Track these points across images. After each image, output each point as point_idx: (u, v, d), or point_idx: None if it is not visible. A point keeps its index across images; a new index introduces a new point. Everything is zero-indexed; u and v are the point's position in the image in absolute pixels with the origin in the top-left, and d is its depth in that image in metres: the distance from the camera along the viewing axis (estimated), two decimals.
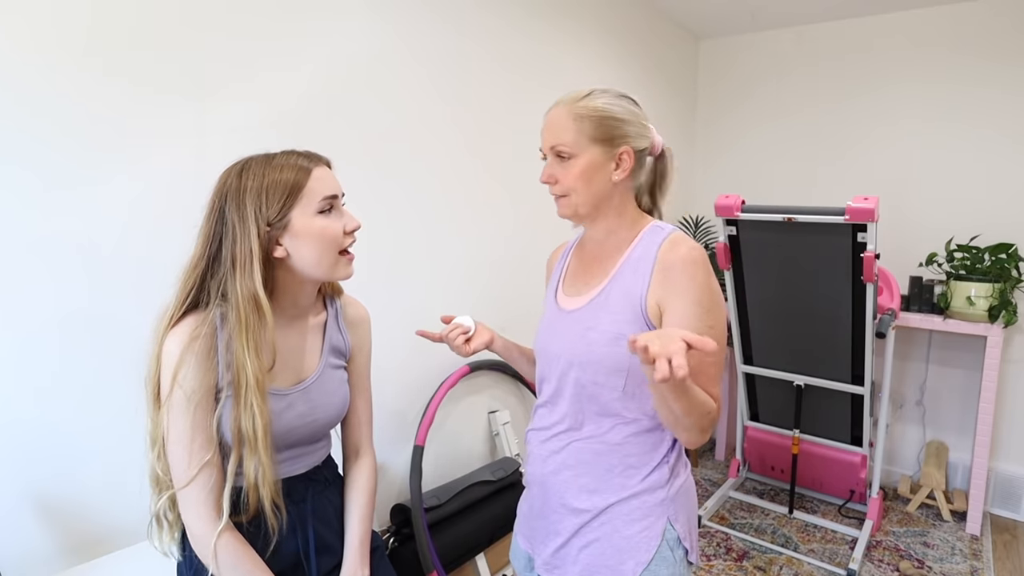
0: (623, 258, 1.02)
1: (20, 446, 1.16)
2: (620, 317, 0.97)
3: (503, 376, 2.38)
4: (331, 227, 0.93)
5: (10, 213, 1.13)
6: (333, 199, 0.94)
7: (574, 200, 1.01)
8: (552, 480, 1.04)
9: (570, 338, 1.02)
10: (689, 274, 0.94)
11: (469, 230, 2.17)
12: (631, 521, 0.99)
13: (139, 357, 1.30)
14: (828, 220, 2.26)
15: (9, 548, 1.15)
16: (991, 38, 2.75)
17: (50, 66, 1.15)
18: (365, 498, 1.10)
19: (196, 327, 0.89)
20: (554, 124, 1.00)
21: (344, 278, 0.98)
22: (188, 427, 0.88)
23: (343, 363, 1.09)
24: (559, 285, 1.13)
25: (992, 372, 2.58)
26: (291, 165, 0.92)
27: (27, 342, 1.16)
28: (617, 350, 0.96)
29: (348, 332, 1.10)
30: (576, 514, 1.01)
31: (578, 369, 1.00)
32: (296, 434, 0.99)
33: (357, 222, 0.97)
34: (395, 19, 1.81)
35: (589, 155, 0.98)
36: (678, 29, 3.36)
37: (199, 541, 0.90)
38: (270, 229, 0.90)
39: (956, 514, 2.80)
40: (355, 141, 1.74)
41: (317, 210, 0.92)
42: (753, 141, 3.44)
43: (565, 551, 1.03)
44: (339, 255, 0.95)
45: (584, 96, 0.99)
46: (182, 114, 1.35)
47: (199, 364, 0.89)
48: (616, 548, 0.98)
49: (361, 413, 1.14)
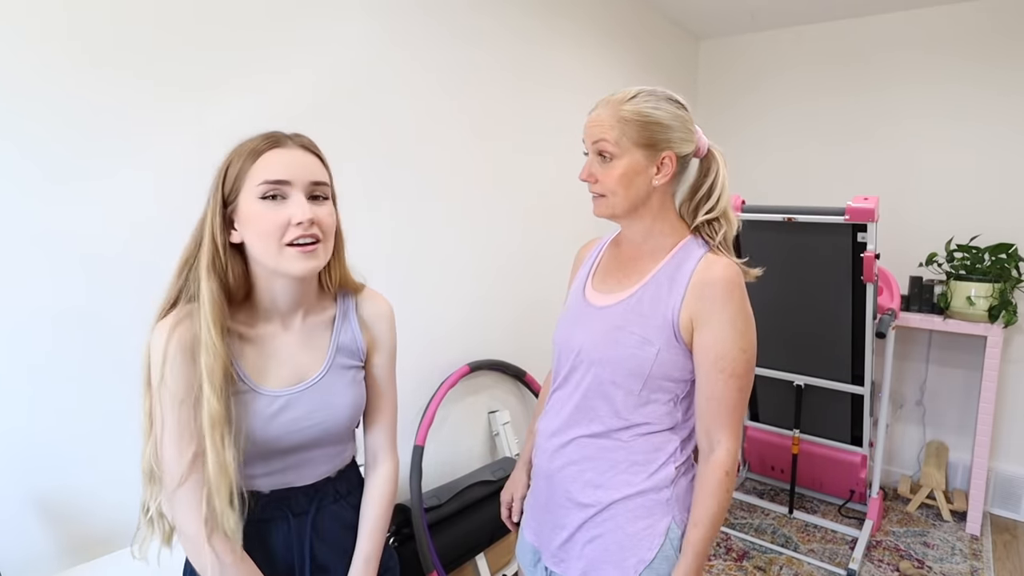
0: (660, 265, 1.01)
1: (20, 446, 1.17)
2: (650, 323, 0.98)
3: (503, 376, 2.38)
4: (267, 215, 0.84)
5: (9, 211, 1.13)
6: (278, 184, 0.84)
7: (611, 201, 1.00)
8: (558, 474, 1.05)
9: (596, 334, 1.02)
10: (727, 294, 0.94)
11: (471, 229, 2.17)
12: (635, 518, 0.99)
13: (138, 357, 1.31)
14: (828, 220, 2.26)
15: (9, 548, 1.15)
16: (991, 38, 2.75)
17: (52, 63, 1.15)
18: (377, 511, 1.02)
19: (178, 319, 0.85)
20: (598, 124, 0.99)
21: (296, 273, 0.86)
22: (175, 425, 0.84)
23: (356, 363, 1.00)
24: (589, 279, 1.13)
25: (992, 372, 2.57)
26: (251, 142, 0.87)
27: (27, 342, 1.16)
28: (641, 354, 0.97)
29: (363, 330, 1.01)
30: (581, 508, 1.02)
31: (599, 367, 1.01)
32: (294, 438, 0.92)
33: (307, 214, 0.84)
34: (396, 20, 1.81)
35: (631, 158, 0.97)
36: (678, 29, 3.36)
37: (191, 543, 0.86)
38: (225, 209, 0.87)
39: (956, 514, 2.80)
40: (356, 140, 1.74)
41: (258, 195, 0.84)
42: (753, 141, 3.44)
43: (570, 545, 1.04)
44: (284, 247, 0.84)
45: (630, 98, 0.98)
46: (183, 109, 1.35)
47: (183, 359, 0.84)
48: (619, 544, 0.99)
49: (381, 416, 1.05)
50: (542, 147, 2.44)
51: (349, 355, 0.99)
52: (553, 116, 2.47)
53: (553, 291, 2.56)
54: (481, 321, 2.25)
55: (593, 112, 1.01)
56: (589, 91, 2.65)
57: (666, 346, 0.97)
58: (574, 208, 2.63)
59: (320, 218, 0.87)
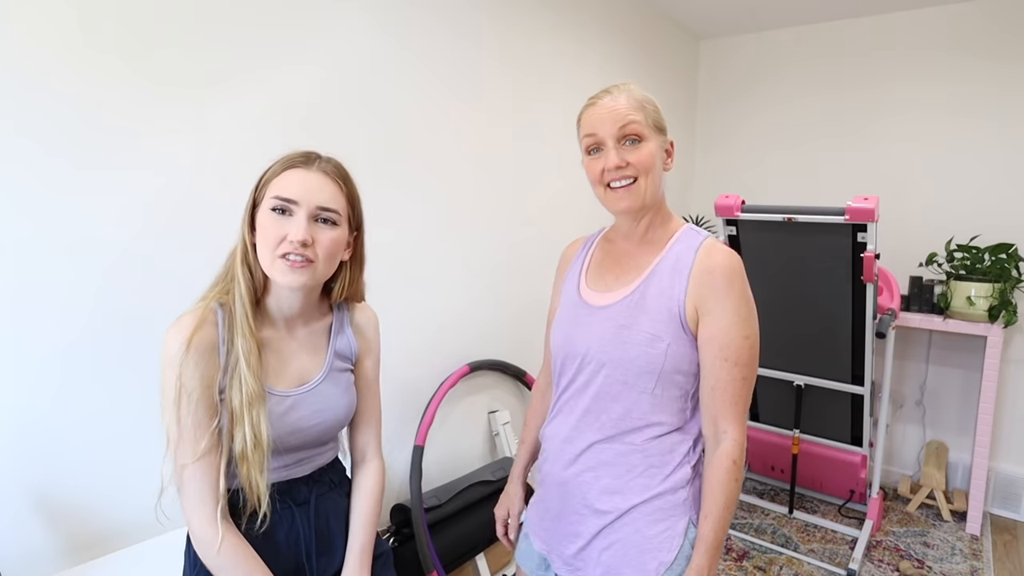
0: (659, 258, 1.01)
1: (21, 446, 1.17)
2: (657, 318, 0.96)
3: (503, 376, 2.38)
4: (271, 226, 0.92)
5: (8, 211, 1.13)
6: (286, 201, 0.91)
7: (642, 185, 0.97)
8: (574, 481, 1.03)
9: (601, 335, 1.00)
10: (729, 282, 0.94)
11: (472, 228, 2.17)
12: (654, 521, 0.98)
13: (141, 357, 1.31)
14: (828, 220, 2.26)
15: (10, 548, 1.15)
16: (990, 38, 2.75)
17: (59, 60, 1.15)
18: (370, 504, 1.09)
19: (196, 320, 0.90)
20: (619, 110, 0.97)
21: (282, 283, 0.93)
22: (190, 420, 0.88)
23: (349, 366, 1.08)
24: (582, 278, 1.11)
25: (992, 372, 2.57)
26: (289, 156, 0.96)
27: (28, 342, 1.16)
28: (652, 351, 0.96)
29: (356, 336, 1.09)
30: (599, 515, 1.00)
31: (609, 368, 0.99)
32: (301, 436, 0.99)
33: (301, 235, 0.90)
34: (396, 22, 1.82)
35: (655, 140, 0.99)
36: (678, 29, 3.36)
37: (200, 540, 0.89)
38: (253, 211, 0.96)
39: (956, 514, 2.80)
40: (356, 140, 1.74)
41: (270, 206, 0.92)
42: (753, 141, 3.44)
43: (587, 552, 1.02)
44: (277, 257, 0.92)
45: (628, 87, 1.00)
46: (185, 108, 1.35)
47: (200, 356, 0.89)
48: (639, 548, 0.97)
49: (368, 417, 1.13)
50: (542, 146, 2.44)
51: (344, 359, 1.07)
52: (554, 116, 2.47)
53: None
54: (481, 321, 2.25)
55: (599, 104, 0.99)
56: (589, 91, 2.64)
57: (675, 339, 0.96)
58: (575, 207, 2.63)
59: (318, 241, 0.94)
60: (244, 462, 0.90)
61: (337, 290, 1.05)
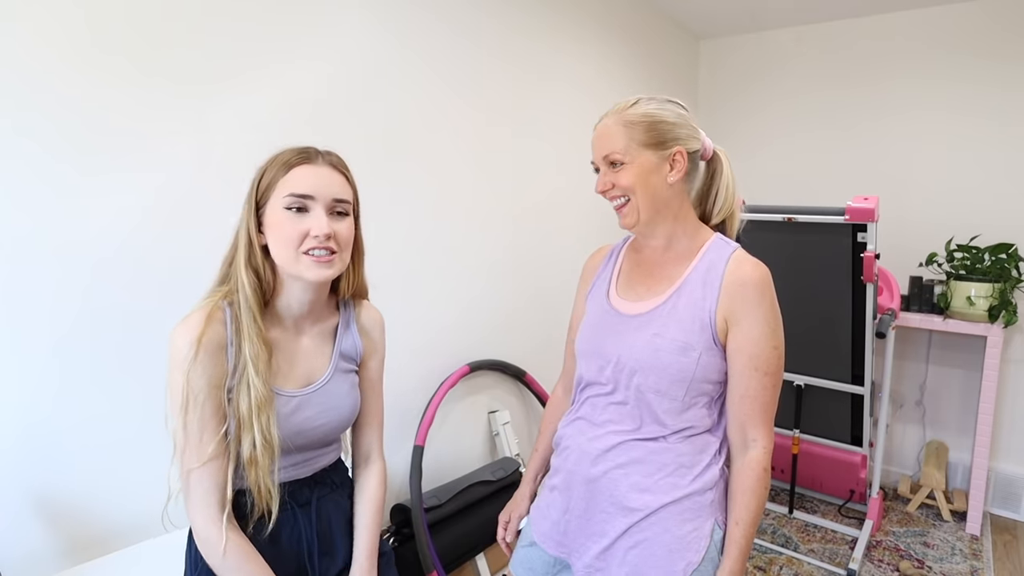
0: (689, 269, 1.02)
1: (21, 447, 1.16)
2: (689, 327, 0.98)
3: (503, 376, 2.38)
4: (289, 224, 0.91)
5: (9, 211, 1.13)
6: (302, 198, 0.91)
7: (634, 204, 1.01)
8: (603, 478, 1.02)
9: (633, 343, 1.01)
10: (760, 294, 0.96)
11: (472, 227, 2.16)
12: (683, 521, 0.98)
13: (141, 357, 1.31)
14: (828, 220, 2.26)
15: (10, 548, 1.15)
16: (991, 38, 2.75)
17: (55, 60, 1.15)
18: (374, 506, 1.09)
19: (204, 318, 0.90)
20: (604, 135, 1.01)
21: (311, 279, 0.93)
22: (196, 423, 0.88)
23: (354, 367, 1.08)
24: (612, 286, 1.12)
25: (992, 372, 2.58)
26: (285, 154, 0.94)
27: (28, 343, 1.16)
28: (683, 359, 0.97)
29: (362, 336, 1.09)
30: (627, 514, 1.00)
31: (641, 375, 1.00)
32: (305, 437, 0.98)
33: (325, 229, 0.91)
34: (396, 20, 1.81)
35: (642, 159, 0.99)
36: (678, 29, 3.36)
37: (205, 542, 0.89)
38: (258, 212, 0.94)
39: (956, 514, 2.80)
40: (356, 140, 1.74)
41: (283, 205, 0.91)
42: (753, 141, 3.44)
43: (611, 552, 1.01)
44: (301, 254, 0.92)
45: (631, 104, 1.01)
46: (189, 107, 1.35)
47: (208, 357, 0.89)
48: (667, 548, 0.97)
49: (372, 418, 1.12)
50: (543, 146, 2.44)
51: (349, 360, 1.07)
52: (554, 116, 2.47)
53: (554, 290, 2.56)
54: (481, 321, 2.25)
55: (597, 126, 1.03)
56: (590, 91, 2.65)
57: (706, 350, 0.97)
58: (576, 207, 2.63)
59: (338, 233, 0.94)
60: (253, 466, 0.90)
61: (344, 285, 1.05)
